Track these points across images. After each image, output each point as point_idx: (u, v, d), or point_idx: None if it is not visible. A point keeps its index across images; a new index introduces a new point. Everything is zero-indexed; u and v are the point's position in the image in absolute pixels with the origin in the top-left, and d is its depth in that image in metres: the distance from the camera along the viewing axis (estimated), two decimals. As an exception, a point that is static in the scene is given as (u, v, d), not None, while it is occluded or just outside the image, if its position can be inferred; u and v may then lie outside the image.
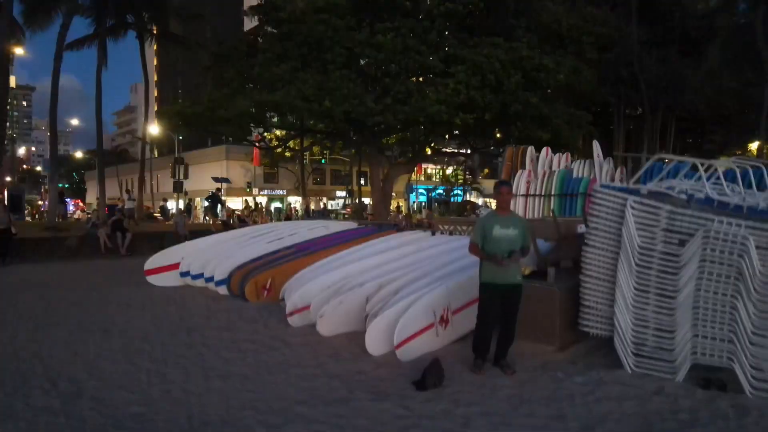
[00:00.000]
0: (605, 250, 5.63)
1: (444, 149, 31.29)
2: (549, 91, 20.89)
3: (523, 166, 12.80)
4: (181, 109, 21.45)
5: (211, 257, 9.95)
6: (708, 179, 5.75)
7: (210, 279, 9.54)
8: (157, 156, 54.39)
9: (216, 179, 36.23)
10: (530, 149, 13.73)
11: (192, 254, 10.35)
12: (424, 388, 5.00)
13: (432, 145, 27.36)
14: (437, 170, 55.52)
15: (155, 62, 74.20)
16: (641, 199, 5.36)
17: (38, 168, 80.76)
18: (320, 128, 25.45)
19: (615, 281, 5.50)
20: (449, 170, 52.42)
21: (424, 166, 50.14)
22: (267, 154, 42.45)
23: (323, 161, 46.57)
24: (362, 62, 21.23)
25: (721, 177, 5.53)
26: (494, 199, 5.61)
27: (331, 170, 51.32)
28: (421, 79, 21.29)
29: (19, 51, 27.60)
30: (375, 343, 5.89)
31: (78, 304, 8.78)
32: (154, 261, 10.35)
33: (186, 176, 32.25)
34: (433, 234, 9.56)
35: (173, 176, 31.43)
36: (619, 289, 5.44)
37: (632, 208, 5.37)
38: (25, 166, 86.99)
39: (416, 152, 26.35)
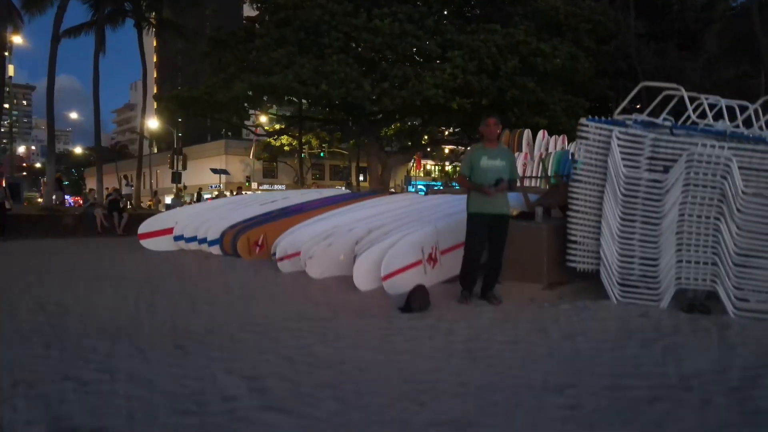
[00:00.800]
0: (592, 184, 5.66)
1: (443, 137, 31.30)
2: (546, 76, 20.90)
3: (519, 149, 12.89)
4: (179, 93, 21.48)
5: (205, 220, 9.97)
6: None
7: (203, 240, 9.56)
8: (156, 151, 54.49)
9: (214, 171, 36.28)
10: (527, 132, 13.81)
11: (185, 219, 10.37)
12: (409, 311, 5.03)
13: (430, 132, 27.40)
14: (436, 166, 55.57)
15: (155, 59, 74.33)
16: (626, 130, 5.40)
17: (37, 165, 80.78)
18: (318, 116, 25.49)
19: (601, 214, 5.53)
20: (449, 167, 52.45)
21: (423, 162, 50.15)
22: (266, 149, 42.53)
23: (322, 155, 46.59)
24: (359, 48, 21.28)
25: (707, 109, 5.56)
26: (482, 132, 5.64)
27: (330, 165, 51.38)
28: (419, 59, 21.33)
29: (17, 40, 27.58)
30: (363, 277, 5.91)
31: (71, 261, 8.82)
32: (147, 225, 10.34)
33: (184, 167, 32.37)
34: (426, 194, 9.58)
35: (171, 167, 31.54)
36: (605, 221, 5.47)
37: (618, 138, 5.40)
38: (24, 164, 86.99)
39: (414, 140, 26.40)
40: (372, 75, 21.23)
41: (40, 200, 58.08)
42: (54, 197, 22.50)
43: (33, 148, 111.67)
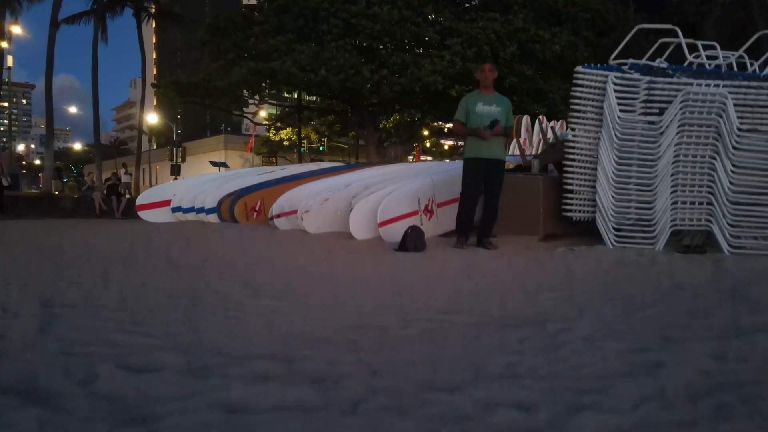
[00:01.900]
0: (588, 131, 5.66)
1: (442, 126, 31.30)
2: (545, 63, 20.92)
3: (518, 135, 12.93)
4: (178, 79, 21.51)
5: (202, 191, 9.97)
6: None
7: (201, 210, 9.56)
8: (156, 147, 54.47)
9: (213, 163, 36.28)
10: (525, 118, 13.83)
11: (183, 191, 10.36)
12: (405, 251, 5.03)
13: (428, 123, 27.42)
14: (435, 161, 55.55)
15: (154, 56, 74.38)
16: (622, 74, 5.41)
17: (36, 161, 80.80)
18: (317, 104, 25.49)
19: (597, 160, 5.53)
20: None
21: (423, 158, 50.08)
22: (265, 144, 42.51)
23: (321, 149, 46.57)
24: (356, 40, 21.28)
25: (701, 52, 5.57)
26: (478, 78, 5.65)
27: (330, 161, 51.34)
28: (419, 50, 21.34)
29: (16, 30, 27.50)
30: (359, 226, 5.91)
31: (68, 226, 8.83)
32: (145, 197, 10.35)
33: (183, 159, 32.40)
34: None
35: (171, 159, 31.58)
36: (601, 166, 5.47)
37: (614, 83, 5.40)
38: (24, 162, 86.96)
39: (413, 132, 26.41)
40: (371, 62, 21.27)
41: (39, 196, 58.28)
42: (53, 189, 22.56)
43: (32, 146, 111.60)
